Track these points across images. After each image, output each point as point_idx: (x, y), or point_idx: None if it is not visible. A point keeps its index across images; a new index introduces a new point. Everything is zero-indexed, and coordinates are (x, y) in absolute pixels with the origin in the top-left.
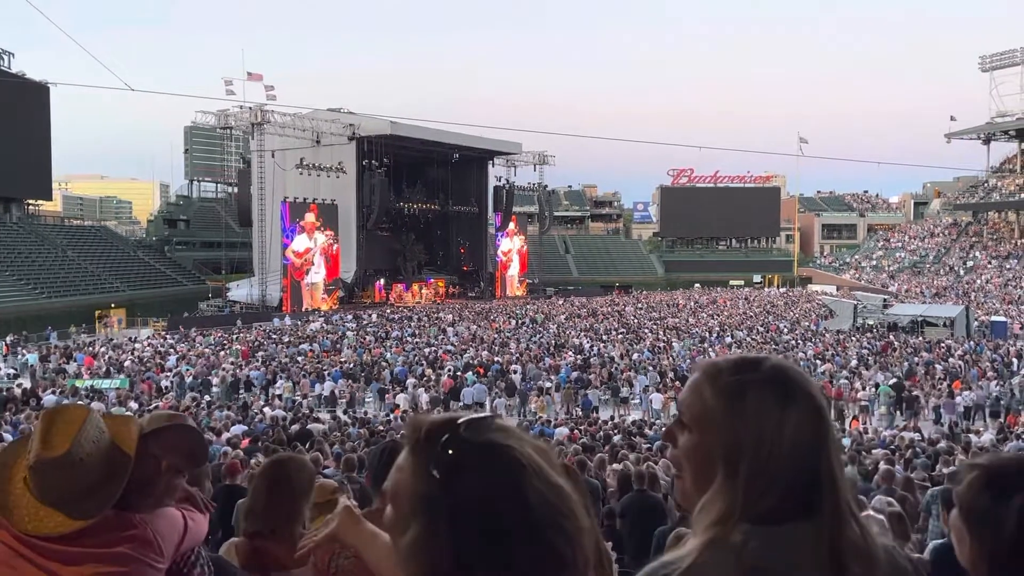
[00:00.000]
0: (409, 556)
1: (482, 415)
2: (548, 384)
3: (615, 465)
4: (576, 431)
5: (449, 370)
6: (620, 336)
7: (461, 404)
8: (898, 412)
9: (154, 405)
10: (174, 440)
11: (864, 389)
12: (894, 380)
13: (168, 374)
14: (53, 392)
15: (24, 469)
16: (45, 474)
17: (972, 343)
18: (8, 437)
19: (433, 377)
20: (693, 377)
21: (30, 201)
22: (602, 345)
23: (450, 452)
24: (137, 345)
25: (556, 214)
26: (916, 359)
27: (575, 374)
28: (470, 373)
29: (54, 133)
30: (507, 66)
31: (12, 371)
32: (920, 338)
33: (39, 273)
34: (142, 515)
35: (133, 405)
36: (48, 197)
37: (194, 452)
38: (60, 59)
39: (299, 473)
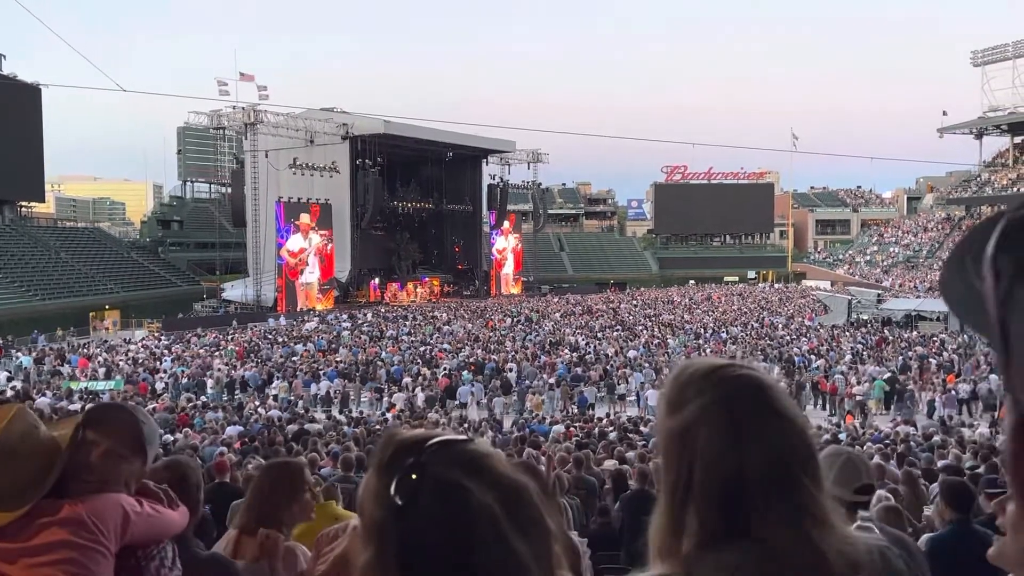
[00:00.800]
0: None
1: (455, 439)
2: (550, 381)
3: (611, 462)
4: (572, 428)
5: (445, 369)
6: (615, 333)
7: (457, 403)
8: (892, 406)
9: (150, 407)
10: (112, 425)
11: (859, 384)
12: (888, 375)
13: (163, 375)
14: (46, 395)
15: None
16: None
17: (966, 336)
18: None
19: (429, 376)
20: None
21: (23, 203)
22: (597, 343)
23: (412, 477)
24: (132, 347)
25: (550, 212)
26: (910, 353)
27: (574, 371)
28: (465, 372)
29: (46, 134)
30: (502, 65)
31: (6, 373)
32: (914, 332)
33: (32, 275)
34: (73, 499)
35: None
36: (41, 199)
37: (133, 436)
38: (52, 60)
39: (280, 478)
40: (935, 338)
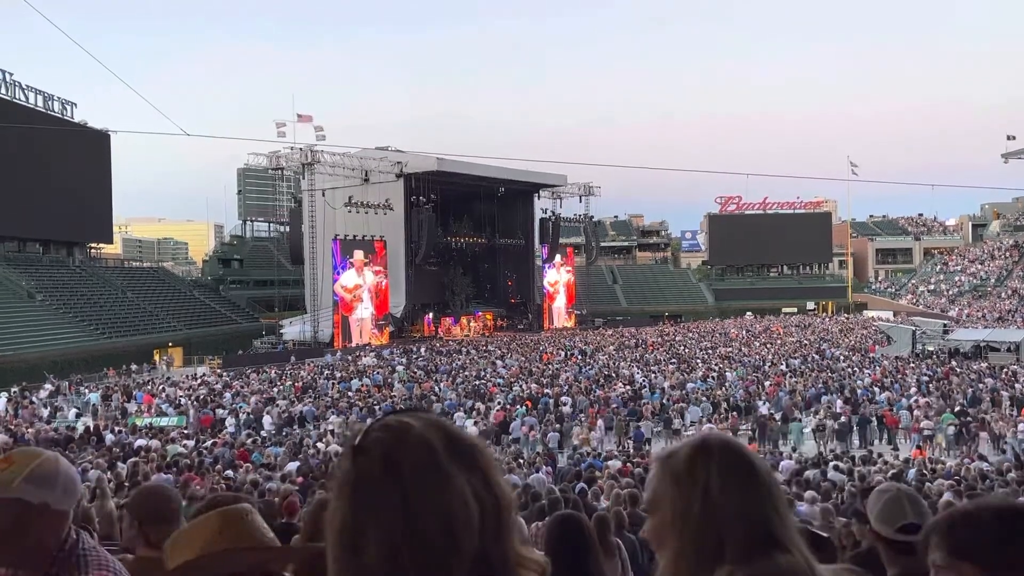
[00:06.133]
0: (325, 527)
1: (414, 406)
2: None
3: None
4: (628, 464)
5: (499, 403)
6: (672, 367)
7: (511, 437)
8: (962, 442)
9: (211, 441)
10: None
11: (926, 418)
12: (958, 408)
13: (224, 411)
14: (114, 432)
15: None
16: None
17: None
18: None
19: (483, 410)
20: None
21: (92, 245)
22: (653, 375)
23: (362, 444)
24: (193, 383)
25: (603, 244)
26: (980, 385)
27: (630, 406)
28: (520, 406)
29: (114, 178)
30: (551, 98)
31: (75, 410)
32: (984, 364)
33: (101, 314)
34: None
35: (189, 443)
36: (109, 241)
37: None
38: (119, 106)
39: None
40: (1006, 370)
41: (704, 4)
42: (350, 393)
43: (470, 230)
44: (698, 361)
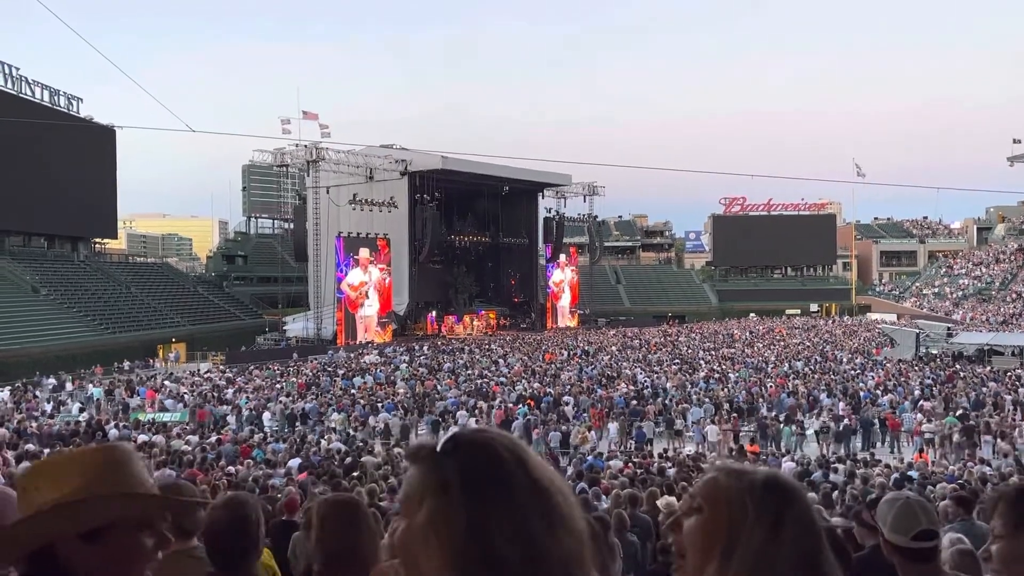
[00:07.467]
0: (426, 533)
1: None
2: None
3: (668, 498)
4: (630, 464)
5: (501, 402)
6: (675, 367)
7: (514, 435)
8: (965, 446)
9: (215, 438)
10: None
11: (929, 421)
12: (960, 411)
13: (226, 407)
14: (116, 426)
15: None
16: None
17: None
18: None
19: (485, 408)
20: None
21: (97, 240)
22: (655, 376)
23: (454, 446)
24: (196, 379)
25: (607, 244)
26: (984, 389)
27: (632, 405)
28: (522, 405)
29: (119, 173)
30: (557, 99)
31: (79, 405)
32: (987, 368)
33: (104, 309)
34: None
35: (193, 439)
36: (114, 236)
37: None
38: (124, 101)
39: (361, 512)
40: (1010, 374)
41: (707, 5)
42: (352, 390)
43: (474, 229)
44: (701, 362)
